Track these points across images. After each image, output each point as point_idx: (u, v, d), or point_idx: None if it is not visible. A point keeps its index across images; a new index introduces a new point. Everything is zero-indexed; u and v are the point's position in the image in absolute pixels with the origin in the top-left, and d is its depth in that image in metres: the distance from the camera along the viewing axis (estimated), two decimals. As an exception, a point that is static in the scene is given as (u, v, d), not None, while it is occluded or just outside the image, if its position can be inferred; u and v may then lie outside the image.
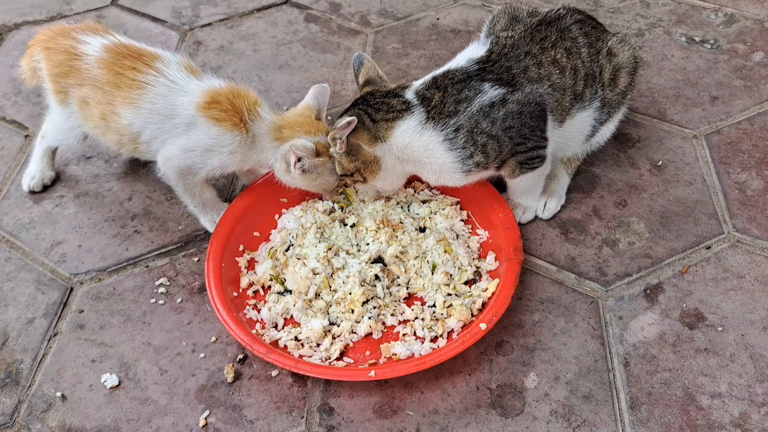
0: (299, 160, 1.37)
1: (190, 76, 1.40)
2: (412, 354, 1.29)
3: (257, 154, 1.42)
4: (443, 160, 1.34)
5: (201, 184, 1.47)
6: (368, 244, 1.45)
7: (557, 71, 1.38)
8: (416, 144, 1.34)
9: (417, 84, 1.39)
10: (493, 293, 1.36)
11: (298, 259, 1.43)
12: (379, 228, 1.46)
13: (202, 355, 1.33)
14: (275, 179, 1.48)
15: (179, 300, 1.42)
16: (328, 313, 1.36)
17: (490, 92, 1.32)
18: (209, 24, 2.12)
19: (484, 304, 1.36)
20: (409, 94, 1.36)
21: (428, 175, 1.39)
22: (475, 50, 1.41)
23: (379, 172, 1.39)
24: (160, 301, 1.42)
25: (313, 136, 1.40)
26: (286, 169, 1.41)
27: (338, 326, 1.34)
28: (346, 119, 1.30)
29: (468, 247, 1.46)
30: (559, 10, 1.45)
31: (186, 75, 1.40)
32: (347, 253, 1.44)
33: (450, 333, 1.33)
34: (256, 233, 1.51)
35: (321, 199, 1.56)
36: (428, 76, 1.40)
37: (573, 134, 1.48)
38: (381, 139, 1.35)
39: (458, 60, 1.41)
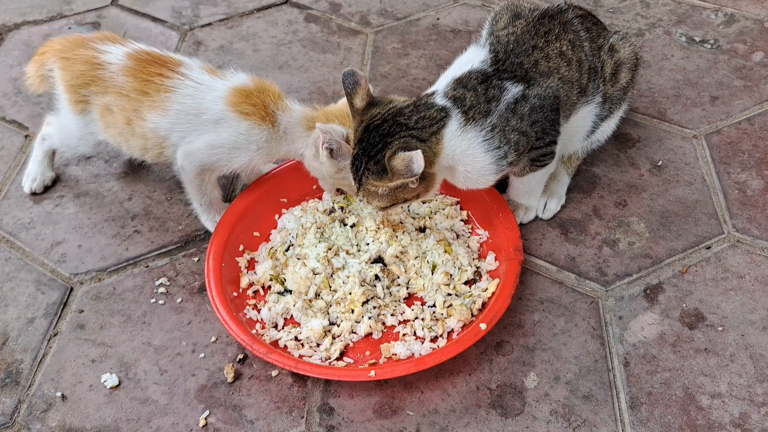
0: (327, 143, 1.35)
1: (213, 77, 1.42)
2: (412, 354, 1.29)
3: (288, 144, 1.42)
4: (482, 163, 1.30)
5: (214, 181, 1.48)
6: (368, 244, 1.45)
7: (565, 64, 1.37)
8: (458, 148, 1.28)
9: (441, 88, 1.33)
10: (493, 293, 1.36)
11: (298, 259, 1.43)
12: (379, 228, 1.46)
13: (202, 355, 1.33)
14: (277, 178, 1.48)
15: (179, 300, 1.42)
16: (328, 313, 1.36)
17: (513, 90, 1.30)
18: (209, 24, 2.12)
19: (484, 304, 1.36)
20: (441, 100, 1.29)
21: (460, 179, 1.34)
22: (477, 53, 1.37)
23: (432, 186, 1.34)
24: (160, 301, 1.42)
25: (347, 127, 1.39)
26: (315, 153, 1.40)
27: (338, 326, 1.34)
28: (414, 159, 1.18)
29: (468, 247, 1.46)
30: (560, 4, 1.45)
31: (209, 76, 1.42)
32: (347, 253, 1.44)
33: (450, 333, 1.33)
34: (256, 233, 1.51)
35: (321, 198, 1.56)
36: (447, 79, 1.34)
37: (576, 129, 1.48)
38: (436, 155, 1.28)
39: (466, 63, 1.36)
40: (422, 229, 1.49)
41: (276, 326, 1.36)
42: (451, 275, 1.40)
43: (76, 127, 1.49)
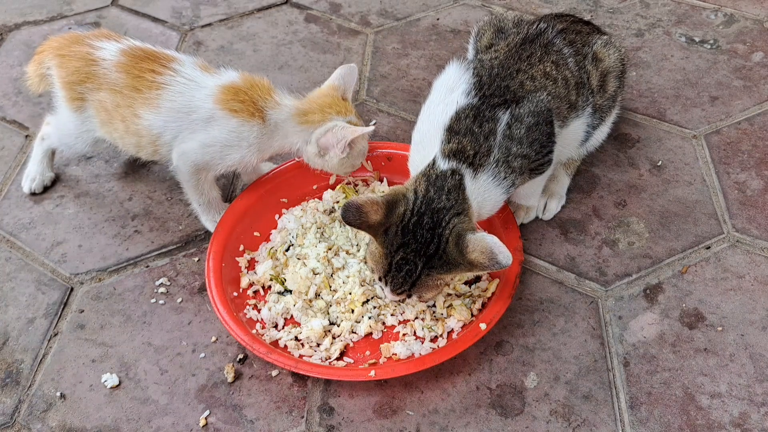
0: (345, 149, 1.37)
1: (205, 74, 1.42)
2: (412, 354, 1.29)
3: (281, 140, 1.42)
4: (494, 197, 1.29)
5: (211, 181, 1.48)
6: (368, 243, 1.45)
7: (551, 82, 1.35)
8: (478, 196, 1.27)
9: (437, 148, 1.26)
10: (493, 293, 1.36)
11: (298, 259, 1.43)
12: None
13: (202, 355, 1.33)
14: (277, 178, 1.47)
15: (179, 300, 1.42)
16: (328, 313, 1.36)
17: (504, 117, 1.28)
18: (209, 24, 2.13)
19: (484, 304, 1.36)
20: (444, 163, 1.25)
21: (474, 217, 1.31)
22: (459, 77, 1.33)
23: None
24: (161, 301, 1.42)
25: (344, 116, 1.40)
26: (319, 152, 1.40)
27: (338, 326, 1.34)
28: (496, 250, 1.16)
29: (468, 247, 1.46)
30: (539, 24, 1.43)
31: (201, 73, 1.41)
32: (347, 253, 1.44)
33: (450, 333, 1.33)
34: (256, 233, 1.51)
35: (321, 199, 1.56)
36: (439, 133, 1.27)
37: (568, 141, 1.47)
38: (471, 218, 1.26)
39: (449, 91, 1.32)
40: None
41: (276, 326, 1.36)
42: (451, 275, 1.40)
43: (73, 124, 1.49)
